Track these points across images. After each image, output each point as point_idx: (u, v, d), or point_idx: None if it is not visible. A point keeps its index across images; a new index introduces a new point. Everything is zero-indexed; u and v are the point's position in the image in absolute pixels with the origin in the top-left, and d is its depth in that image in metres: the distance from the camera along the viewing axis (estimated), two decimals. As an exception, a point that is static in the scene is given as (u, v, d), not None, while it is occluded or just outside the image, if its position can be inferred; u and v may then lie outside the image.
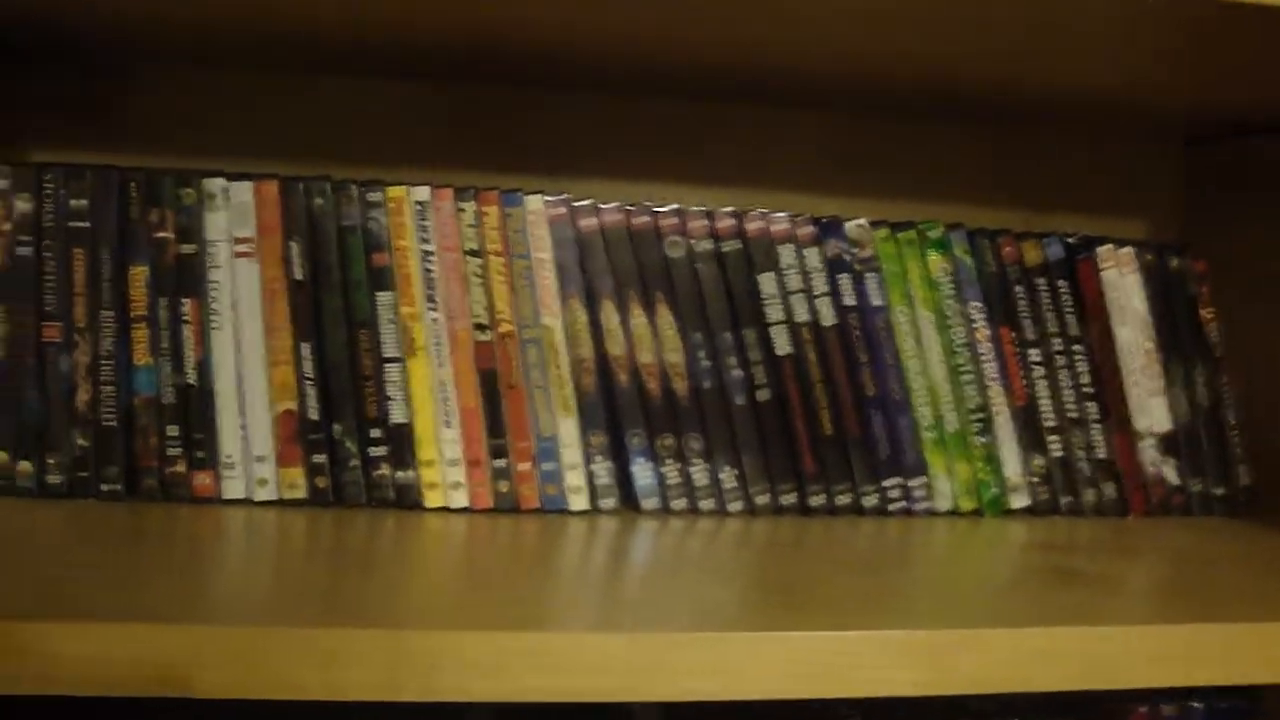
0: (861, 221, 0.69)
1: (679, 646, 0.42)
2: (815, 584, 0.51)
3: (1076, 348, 0.72)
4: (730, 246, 0.67)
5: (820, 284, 0.68)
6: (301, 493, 0.65)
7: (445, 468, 0.65)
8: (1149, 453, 0.73)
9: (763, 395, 0.68)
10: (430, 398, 0.65)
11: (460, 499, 0.66)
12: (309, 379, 0.65)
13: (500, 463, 0.66)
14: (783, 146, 0.83)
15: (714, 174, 0.82)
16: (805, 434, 0.68)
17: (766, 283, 0.68)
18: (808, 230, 0.68)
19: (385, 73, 0.77)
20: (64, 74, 0.76)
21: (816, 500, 0.69)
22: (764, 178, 0.83)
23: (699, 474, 0.68)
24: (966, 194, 0.86)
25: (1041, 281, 0.72)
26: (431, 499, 0.65)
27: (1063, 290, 0.72)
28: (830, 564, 0.55)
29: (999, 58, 0.62)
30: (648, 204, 0.67)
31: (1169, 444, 0.74)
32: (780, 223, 0.68)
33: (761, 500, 0.68)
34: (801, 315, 0.68)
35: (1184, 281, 0.74)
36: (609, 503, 0.67)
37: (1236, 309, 0.82)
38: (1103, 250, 0.72)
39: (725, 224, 0.67)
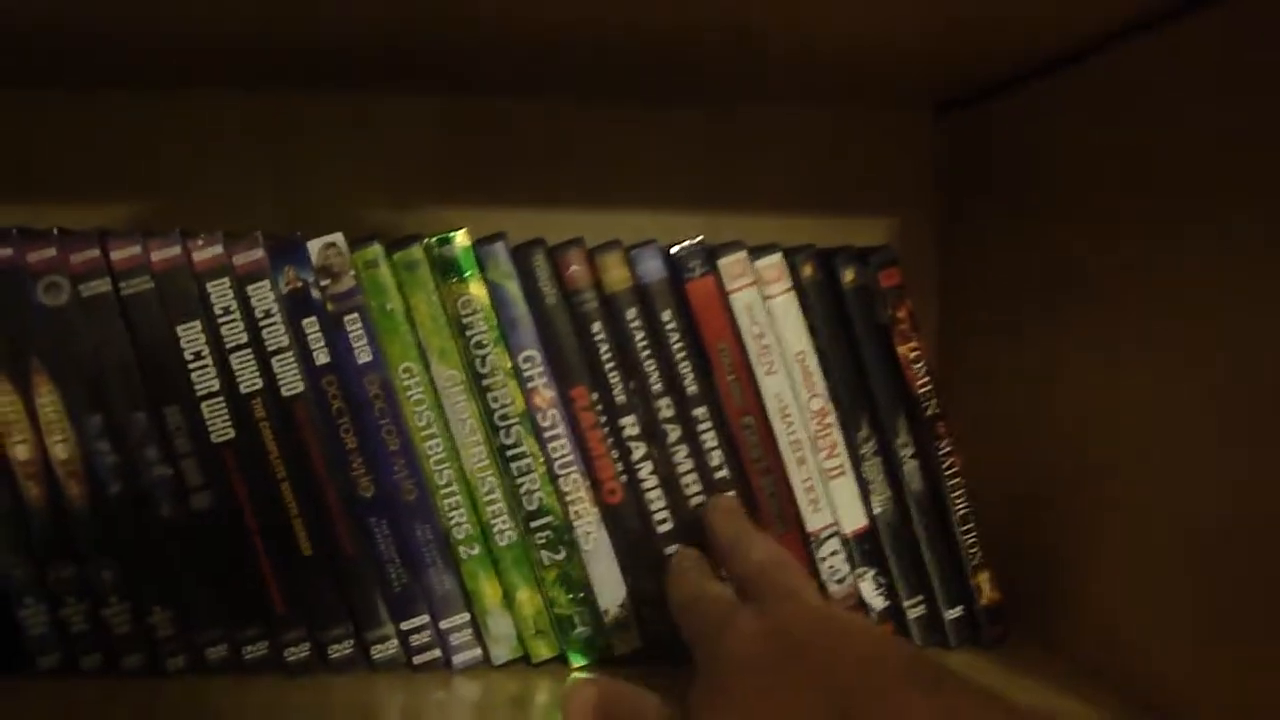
0: (332, 239, 0.46)
1: None
2: None
3: (699, 412, 0.48)
4: (133, 287, 0.46)
5: (277, 335, 0.46)
6: None
7: None
8: (834, 563, 0.49)
9: (200, 501, 0.46)
10: None
11: None
12: None
13: None
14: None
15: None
16: (268, 556, 0.47)
17: (191, 337, 0.46)
18: (251, 257, 0.46)
19: None
20: None
21: (297, 651, 0.47)
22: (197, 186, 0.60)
23: (118, 618, 0.47)
24: (648, 186, 0.62)
25: (633, 314, 0.48)
26: None
27: (669, 326, 0.48)
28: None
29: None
30: (12, 229, 0.46)
31: (867, 548, 0.49)
32: (208, 248, 0.46)
33: (216, 654, 0.47)
34: (251, 383, 0.46)
35: (869, 303, 0.49)
36: (-18, 663, 0.47)
37: (1007, 324, 0.57)
38: (728, 262, 0.48)
39: (125, 254, 0.46)
